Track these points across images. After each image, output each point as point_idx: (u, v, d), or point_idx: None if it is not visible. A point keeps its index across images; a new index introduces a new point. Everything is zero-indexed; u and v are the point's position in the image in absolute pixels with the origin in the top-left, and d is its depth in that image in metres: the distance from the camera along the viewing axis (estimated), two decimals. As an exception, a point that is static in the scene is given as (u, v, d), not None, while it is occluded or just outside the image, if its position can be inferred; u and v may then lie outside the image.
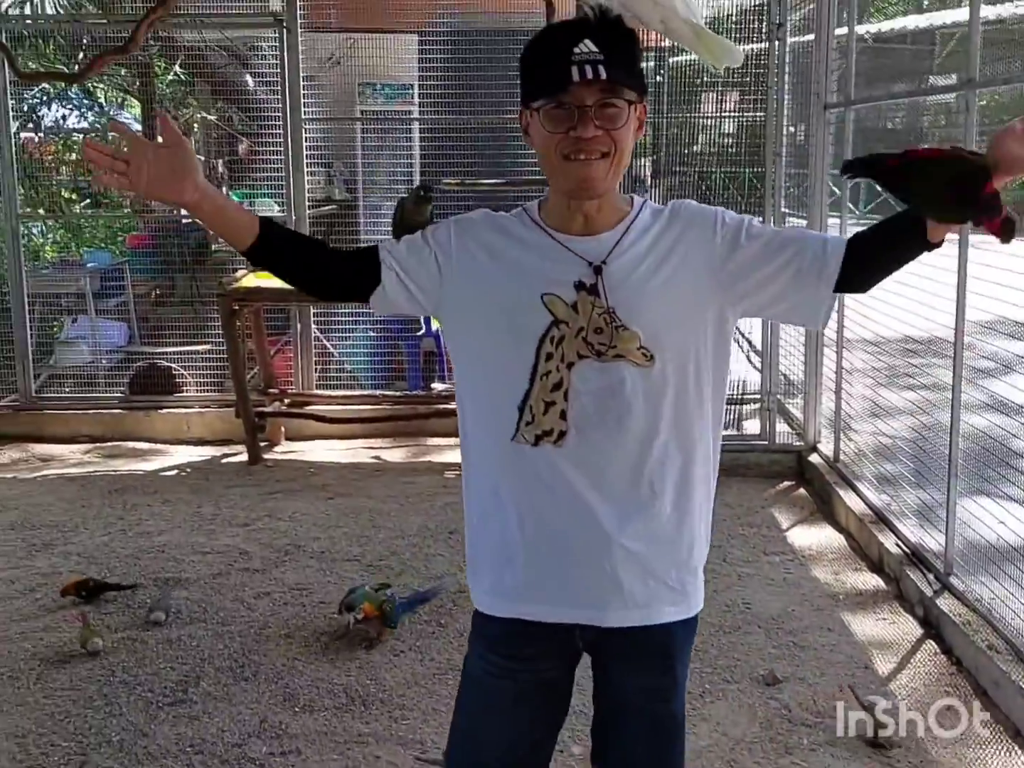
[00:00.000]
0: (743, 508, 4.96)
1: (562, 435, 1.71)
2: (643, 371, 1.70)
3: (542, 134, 1.67)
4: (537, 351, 1.70)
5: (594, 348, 1.70)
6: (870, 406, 4.87)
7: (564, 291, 1.70)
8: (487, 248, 1.75)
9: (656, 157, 6.47)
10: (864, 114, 5.47)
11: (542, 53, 1.67)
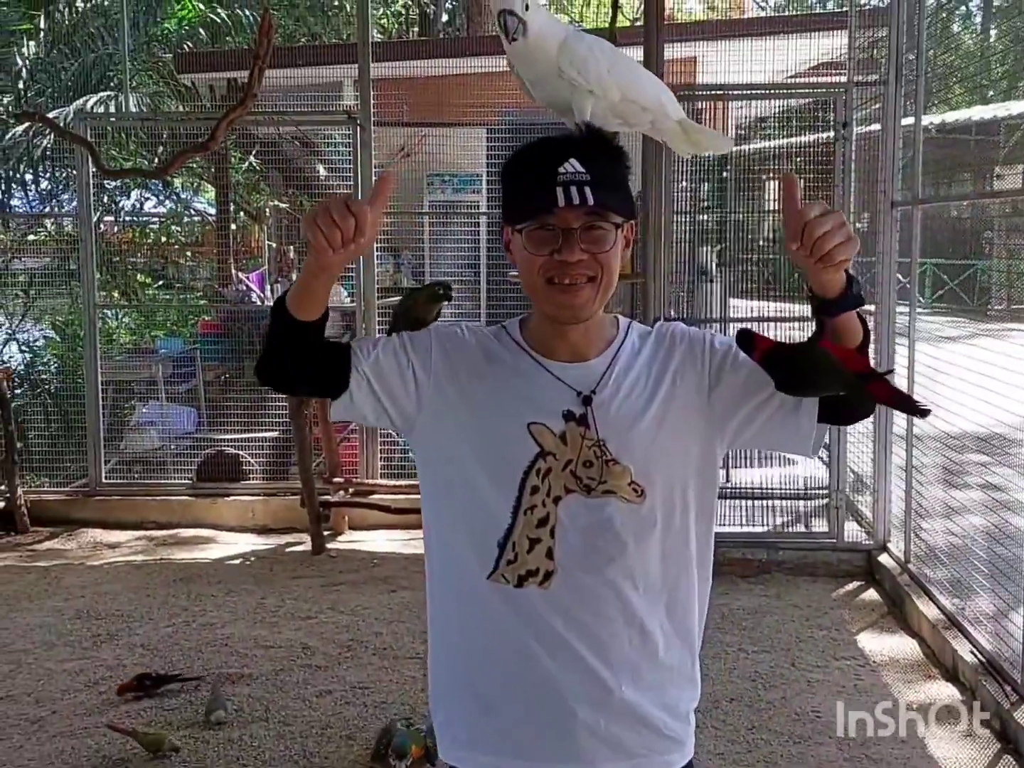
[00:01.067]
0: (811, 609, 4.86)
1: (548, 576, 1.58)
2: (633, 507, 1.60)
3: (525, 255, 1.58)
4: (522, 484, 1.59)
5: (583, 483, 1.59)
6: (942, 505, 4.77)
7: (552, 421, 1.60)
8: (470, 370, 1.64)
9: (721, 247, 6.49)
10: (932, 208, 5.46)
11: (526, 171, 1.59)
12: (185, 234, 10.57)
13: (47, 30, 8.01)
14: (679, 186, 5.78)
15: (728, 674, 4.16)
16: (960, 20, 14.48)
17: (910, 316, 5.03)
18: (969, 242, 12.33)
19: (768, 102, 6.56)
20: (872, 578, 5.23)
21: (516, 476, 1.58)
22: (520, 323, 1.71)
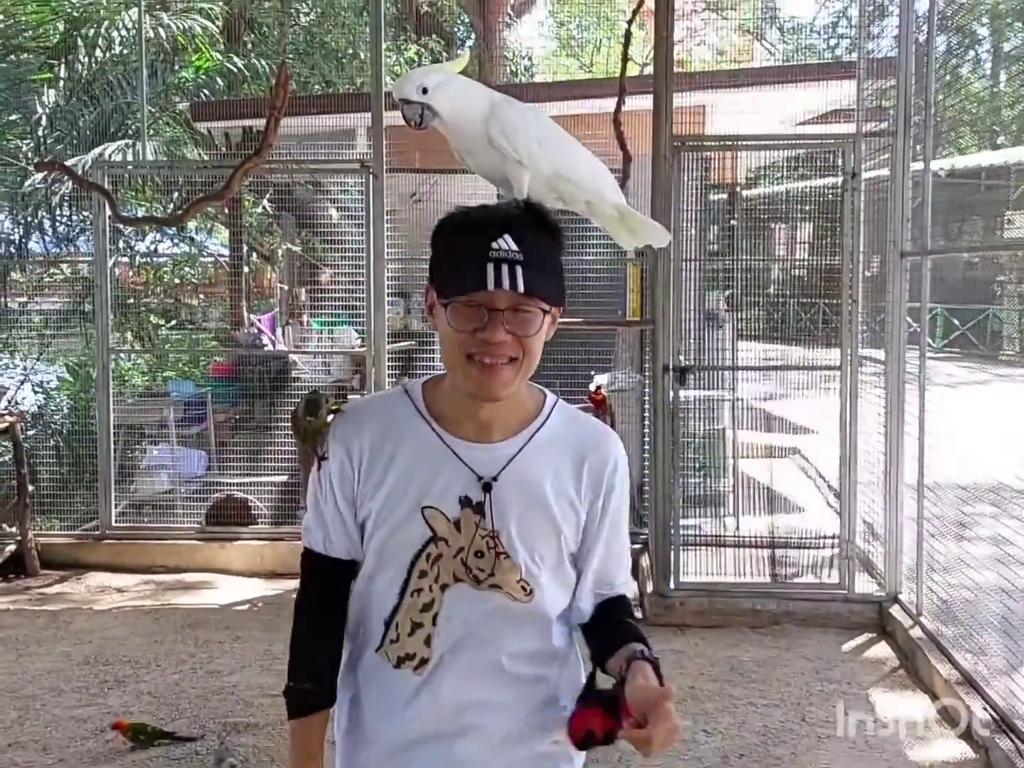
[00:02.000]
0: (822, 662, 4.82)
1: (423, 662, 1.60)
2: (519, 605, 1.60)
3: (447, 328, 1.54)
4: (411, 566, 1.59)
5: (472, 573, 1.58)
6: (954, 556, 4.74)
7: (447, 505, 1.58)
8: (371, 448, 1.61)
9: (730, 292, 6.51)
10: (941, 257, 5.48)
11: (459, 239, 1.53)
12: (198, 276, 10.66)
13: (67, 79, 8.13)
14: (687, 233, 5.81)
15: (737, 728, 4.13)
16: (970, 65, 14.59)
17: (920, 364, 5.03)
18: (981, 287, 12.35)
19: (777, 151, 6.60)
20: (883, 631, 5.18)
21: (407, 558, 1.59)
22: (424, 387, 1.66)
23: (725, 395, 6.28)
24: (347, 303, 7.10)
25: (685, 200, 5.62)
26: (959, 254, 10.43)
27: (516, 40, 16.49)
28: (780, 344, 6.73)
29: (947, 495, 4.83)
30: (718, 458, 6.39)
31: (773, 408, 6.68)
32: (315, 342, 7.75)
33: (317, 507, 1.66)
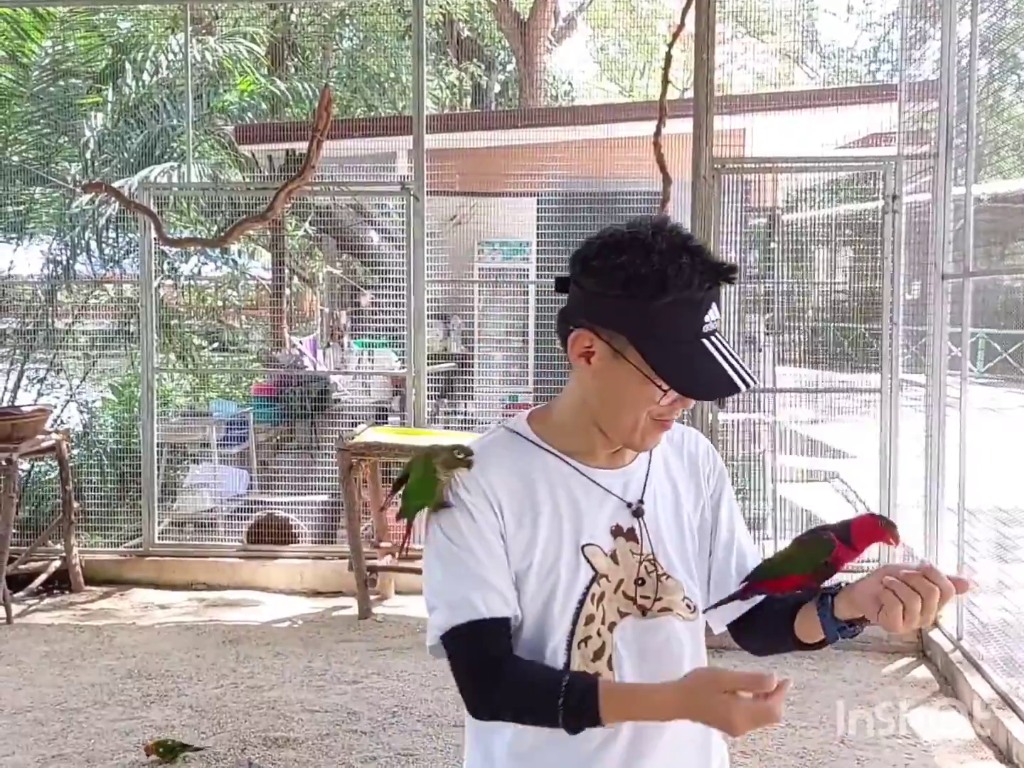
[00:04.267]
0: (861, 685, 4.79)
1: None
2: (688, 625, 1.52)
3: (640, 399, 1.43)
4: (576, 614, 1.46)
5: (637, 603, 1.48)
6: (994, 580, 4.70)
7: (602, 538, 1.49)
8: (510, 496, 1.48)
9: (769, 315, 6.52)
10: (983, 280, 5.46)
11: (667, 310, 1.39)
12: (240, 298, 10.81)
13: (114, 102, 8.31)
14: (727, 255, 5.83)
15: (776, 750, 4.11)
16: (1012, 89, 14.50)
17: (961, 388, 5.01)
18: (1023, 312, 12.23)
19: (818, 173, 6.62)
20: (923, 654, 5.14)
21: (573, 606, 1.46)
22: (532, 422, 1.55)
23: (765, 418, 6.27)
24: (387, 325, 7.18)
25: (725, 223, 5.65)
26: (1001, 279, 10.35)
27: (556, 64, 16.63)
28: (819, 369, 6.71)
29: (987, 518, 4.79)
30: (757, 481, 6.38)
31: (813, 432, 6.66)
32: (355, 364, 7.83)
33: (464, 568, 1.44)
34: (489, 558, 1.44)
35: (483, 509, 1.46)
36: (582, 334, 1.44)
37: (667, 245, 1.40)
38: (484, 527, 1.45)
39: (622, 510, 1.50)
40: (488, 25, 14.29)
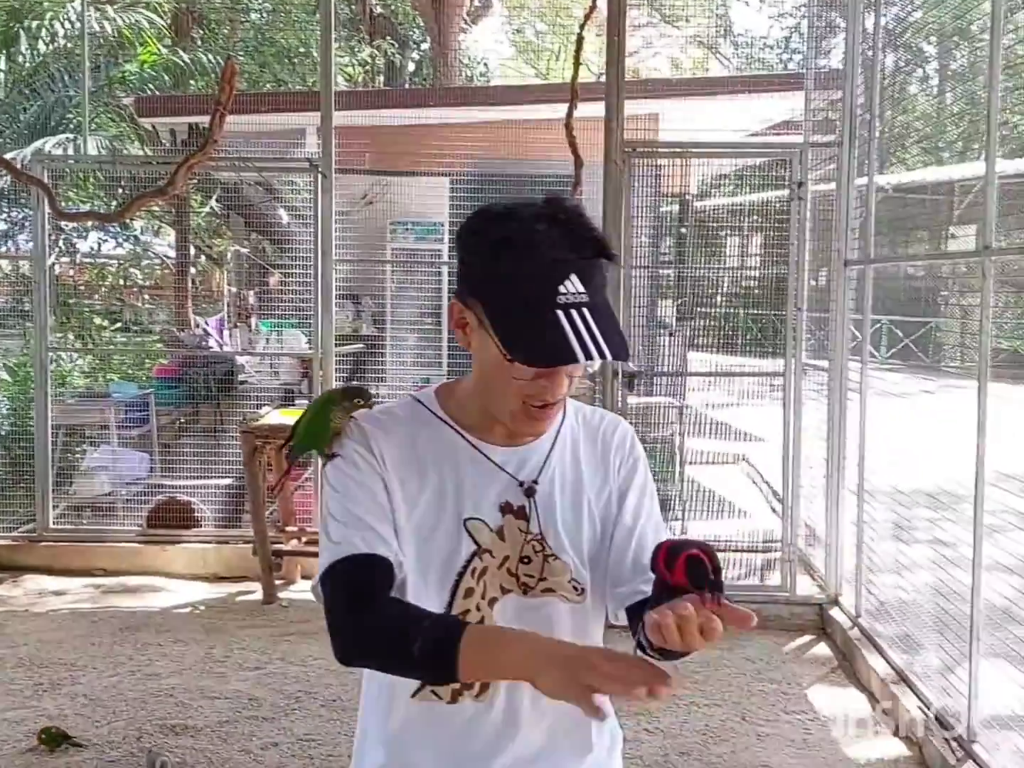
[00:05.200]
0: (763, 663, 4.85)
1: (485, 687, 1.46)
2: (573, 607, 1.50)
3: (501, 372, 1.40)
4: (455, 586, 1.45)
5: (520, 581, 1.47)
6: (892, 560, 4.81)
7: (488, 514, 1.47)
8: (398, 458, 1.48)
9: (680, 301, 6.56)
10: (884, 267, 5.57)
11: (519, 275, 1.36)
12: (144, 277, 10.52)
13: (7, 71, 8.00)
14: (639, 240, 5.85)
15: (679, 727, 4.14)
16: (917, 82, 14.86)
17: (862, 372, 5.10)
18: (925, 300, 12.57)
19: (728, 160, 6.68)
20: (824, 632, 5.24)
21: (451, 578, 1.45)
22: (438, 395, 1.55)
23: (674, 402, 6.33)
24: (296, 305, 7.05)
25: (637, 207, 5.66)
26: (903, 268, 10.60)
27: (472, 45, 16.53)
28: (729, 355, 6.79)
29: (886, 500, 4.89)
30: (666, 464, 6.43)
31: (721, 416, 6.74)
32: (263, 345, 7.68)
33: (347, 508, 1.44)
34: (371, 503, 1.44)
35: (368, 459, 1.46)
36: (455, 303, 1.46)
37: (531, 213, 1.39)
38: (367, 474, 1.46)
39: (513, 488, 1.49)
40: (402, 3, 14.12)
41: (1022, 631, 3.57)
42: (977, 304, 3.67)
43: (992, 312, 3.67)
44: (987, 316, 3.53)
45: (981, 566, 3.62)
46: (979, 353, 3.62)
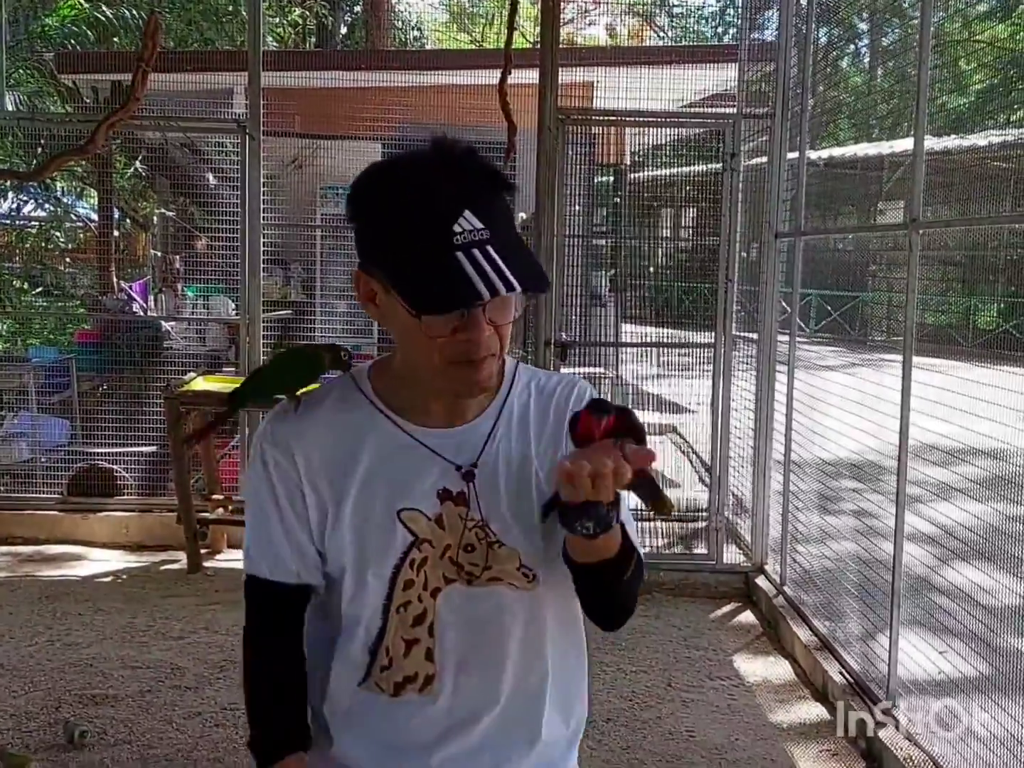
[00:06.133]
0: (689, 630, 4.91)
1: (429, 680, 1.41)
2: (523, 595, 1.41)
3: (416, 336, 1.31)
4: (392, 579, 1.39)
5: (464, 570, 1.39)
6: (816, 529, 4.88)
7: (426, 503, 1.39)
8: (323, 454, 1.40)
9: (614, 272, 6.56)
10: (815, 240, 5.62)
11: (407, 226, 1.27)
12: (66, 240, 10.24)
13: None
14: (573, 209, 5.82)
15: (606, 693, 4.17)
16: (849, 58, 14.98)
17: (790, 345, 5.15)
18: (853, 274, 12.76)
19: (663, 131, 6.66)
20: (749, 600, 5.32)
21: (387, 572, 1.39)
22: (371, 373, 1.46)
23: (606, 373, 6.34)
24: (223, 271, 6.91)
25: (571, 175, 5.63)
26: (832, 242, 10.75)
27: (405, 10, 16.31)
28: (662, 328, 6.82)
29: (812, 471, 4.96)
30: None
31: (652, 388, 6.77)
32: (190, 310, 7.52)
33: (258, 524, 1.43)
34: (279, 524, 1.42)
35: (283, 468, 1.41)
36: (359, 275, 1.37)
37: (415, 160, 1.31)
38: (281, 488, 1.41)
39: (451, 473, 1.40)
40: (335, -36, 13.87)
41: (941, 599, 3.65)
42: (903, 277, 3.71)
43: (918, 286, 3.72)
44: (913, 288, 3.57)
45: (903, 535, 3.68)
46: (904, 326, 3.67)
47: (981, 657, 3.32)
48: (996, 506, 3.33)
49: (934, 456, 3.77)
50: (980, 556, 3.39)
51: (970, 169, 7.24)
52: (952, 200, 5.41)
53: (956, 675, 3.42)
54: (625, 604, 1.46)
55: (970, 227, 4.54)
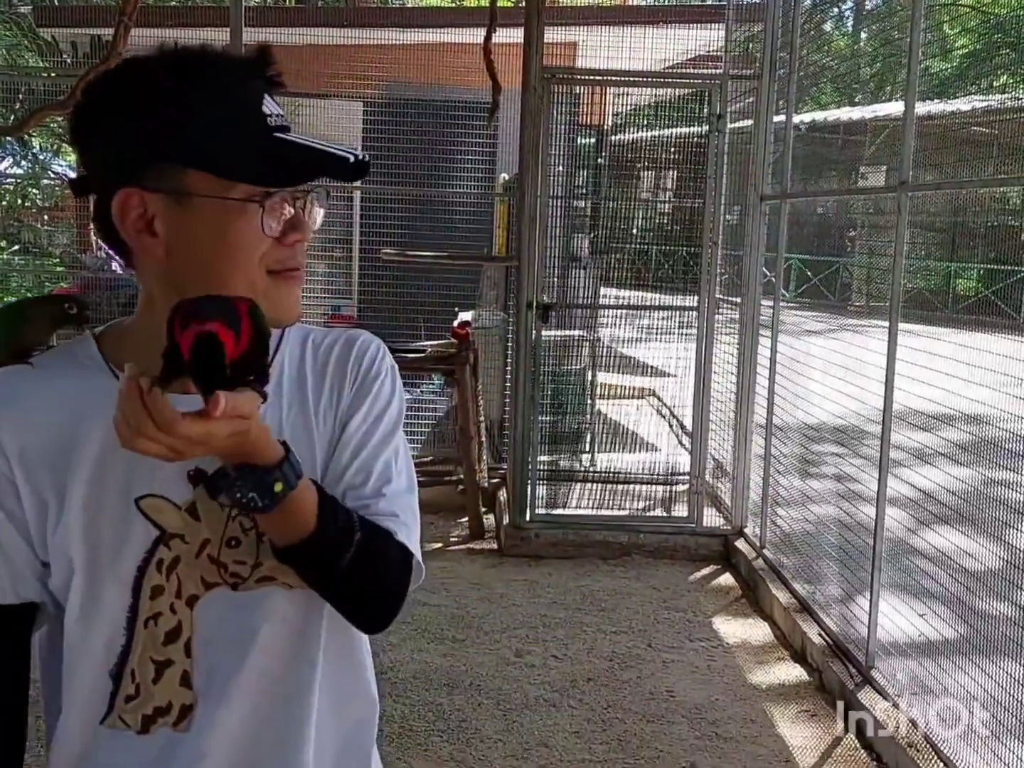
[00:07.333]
0: (669, 592, 4.95)
1: (185, 712, 1.11)
2: (298, 596, 1.12)
3: (233, 248, 1.06)
4: (137, 585, 1.11)
5: (228, 571, 1.11)
6: (797, 493, 4.92)
7: (173, 488, 1.10)
8: (38, 437, 1.10)
9: (594, 235, 6.54)
10: (799, 204, 5.62)
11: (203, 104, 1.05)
12: (43, 197, 10.11)
13: None
14: (555, 170, 5.79)
15: (586, 654, 4.21)
16: (833, 22, 14.94)
17: (774, 309, 5.16)
18: (834, 239, 12.78)
19: (646, 92, 6.63)
20: (728, 562, 5.36)
21: (128, 576, 1.11)
22: (99, 339, 1.15)
23: (586, 335, 6.34)
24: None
25: (554, 136, 5.59)
26: (816, 207, 10.75)
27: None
28: (641, 290, 6.82)
29: (794, 435, 4.99)
30: (576, 396, 6.47)
31: (632, 351, 6.78)
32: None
33: None
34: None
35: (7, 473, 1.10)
36: (125, 198, 1.06)
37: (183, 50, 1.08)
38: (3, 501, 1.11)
39: None
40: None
41: (921, 562, 3.69)
42: (887, 242, 3.72)
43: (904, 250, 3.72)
44: (900, 252, 3.58)
45: (886, 499, 3.71)
46: (892, 290, 3.68)
47: (962, 619, 3.37)
48: (977, 470, 3.36)
49: (917, 420, 3.80)
50: (961, 520, 3.43)
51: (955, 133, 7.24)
52: (937, 164, 5.42)
53: (936, 637, 3.46)
54: (363, 592, 1.13)
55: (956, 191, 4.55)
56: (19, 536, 1.11)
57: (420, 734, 3.54)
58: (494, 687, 3.89)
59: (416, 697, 3.79)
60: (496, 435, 6.64)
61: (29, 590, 1.13)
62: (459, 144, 7.42)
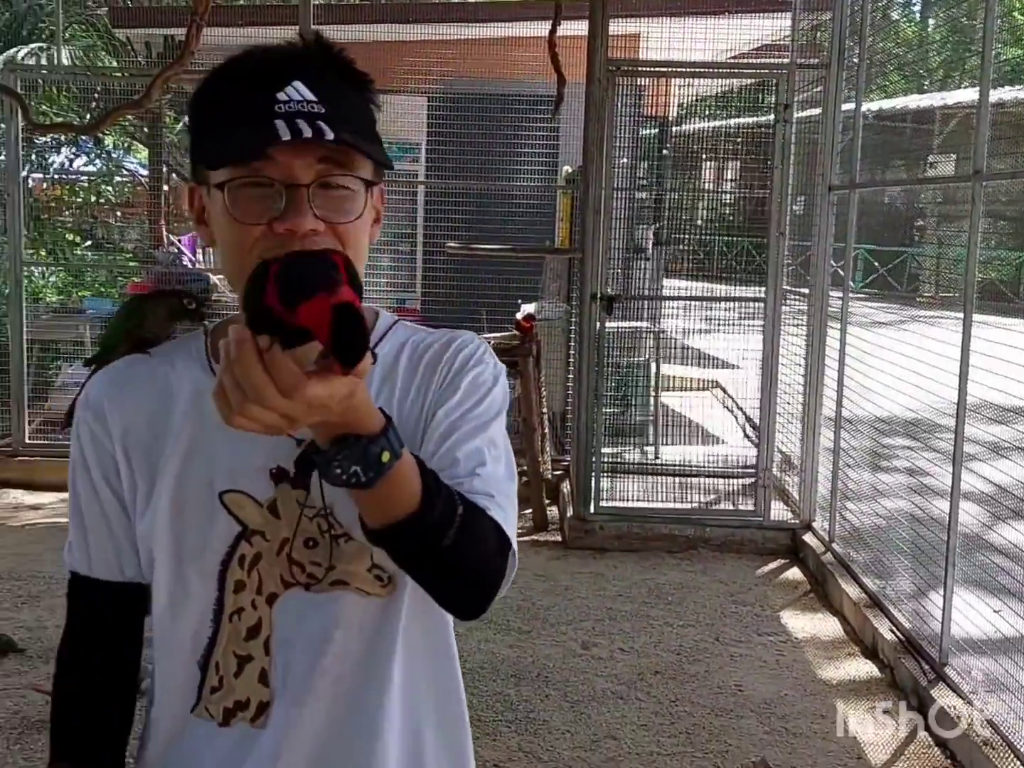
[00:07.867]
0: (736, 585, 4.93)
1: (263, 709, 1.12)
2: (372, 603, 1.12)
3: (227, 224, 1.04)
4: (222, 578, 1.12)
5: (305, 571, 1.11)
6: (867, 487, 4.87)
7: (256, 484, 1.11)
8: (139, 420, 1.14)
9: (657, 226, 6.52)
10: (865, 194, 5.54)
11: (225, 98, 1.05)
12: (116, 194, 10.34)
13: (-24, -24, 7.76)
14: (619, 162, 5.78)
15: (653, 647, 4.21)
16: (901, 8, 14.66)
17: (843, 301, 5.10)
18: (902, 229, 12.59)
19: (710, 82, 6.59)
20: (796, 556, 5.32)
21: (213, 569, 1.12)
22: (213, 332, 1.17)
23: (649, 327, 6.33)
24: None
25: (618, 127, 5.59)
26: (883, 197, 10.59)
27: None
28: (705, 281, 6.79)
29: (863, 428, 4.94)
30: (640, 388, 6.46)
31: (696, 342, 6.76)
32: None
33: (75, 509, 1.19)
34: (92, 505, 1.17)
35: (96, 431, 1.15)
36: (185, 191, 1.13)
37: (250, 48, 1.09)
38: (91, 458, 1.16)
39: (288, 447, 1.08)
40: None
41: (996, 557, 3.63)
42: (957, 232, 3.66)
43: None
44: (975, 242, 3.52)
45: (960, 493, 3.66)
46: (966, 280, 3.62)
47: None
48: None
49: (991, 413, 3.74)
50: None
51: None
52: (1011, 153, 5.32)
53: (1012, 634, 3.41)
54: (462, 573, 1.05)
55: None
56: (124, 515, 1.16)
57: (488, 724, 3.57)
58: (561, 679, 3.91)
59: (484, 687, 3.82)
60: (559, 427, 6.66)
61: (133, 570, 1.17)
62: (522, 137, 7.44)
